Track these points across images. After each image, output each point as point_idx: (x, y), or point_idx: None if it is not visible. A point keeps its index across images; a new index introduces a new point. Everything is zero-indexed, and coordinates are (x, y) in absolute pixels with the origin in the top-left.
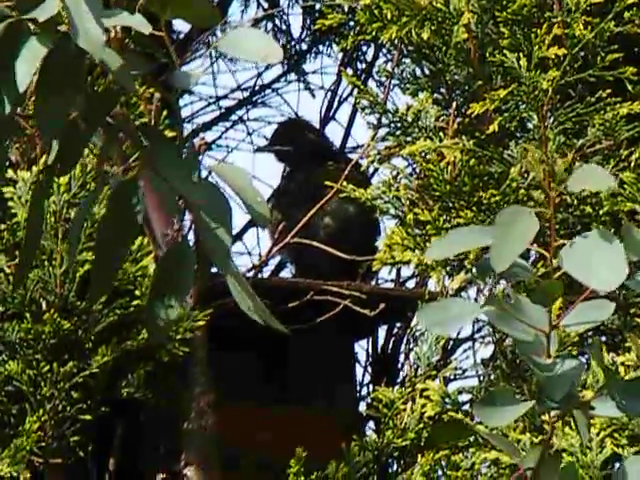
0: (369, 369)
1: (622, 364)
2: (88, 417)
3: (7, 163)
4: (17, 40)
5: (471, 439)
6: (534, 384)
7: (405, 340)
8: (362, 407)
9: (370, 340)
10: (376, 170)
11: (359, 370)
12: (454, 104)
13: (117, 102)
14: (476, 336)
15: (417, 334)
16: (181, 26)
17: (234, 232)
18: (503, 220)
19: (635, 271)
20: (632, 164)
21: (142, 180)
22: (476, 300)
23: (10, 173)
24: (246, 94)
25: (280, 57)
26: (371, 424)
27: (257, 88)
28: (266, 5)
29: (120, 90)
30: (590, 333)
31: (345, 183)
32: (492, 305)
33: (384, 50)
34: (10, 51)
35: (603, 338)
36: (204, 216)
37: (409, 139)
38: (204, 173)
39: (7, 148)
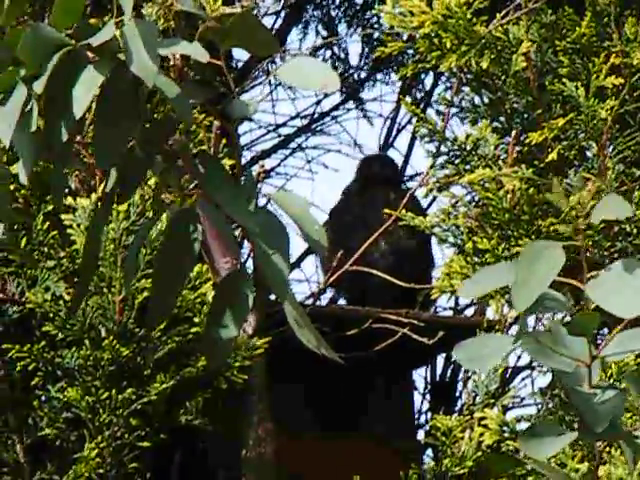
0: (427, 397)
1: None
2: (146, 444)
3: (66, 190)
4: (74, 68)
5: (528, 467)
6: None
7: (463, 368)
8: (421, 435)
9: (429, 368)
10: (435, 198)
11: (417, 398)
12: (513, 132)
13: (175, 130)
14: (534, 364)
15: None
16: (240, 54)
17: (293, 259)
18: (527, 257)
19: None
20: None
21: (200, 208)
22: (534, 329)
23: (69, 200)
24: (305, 122)
25: (338, 86)
26: (429, 452)
27: (316, 116)
28: (324, 33)
29: (178, 118)
30: None
31: (404, 211)
32: (528, 338)
33: (443, 78)
34: (67, 79)
35: None
36: (262, 244)
37: (468, 167)
38: (263, 200)
39: (65, 175)
